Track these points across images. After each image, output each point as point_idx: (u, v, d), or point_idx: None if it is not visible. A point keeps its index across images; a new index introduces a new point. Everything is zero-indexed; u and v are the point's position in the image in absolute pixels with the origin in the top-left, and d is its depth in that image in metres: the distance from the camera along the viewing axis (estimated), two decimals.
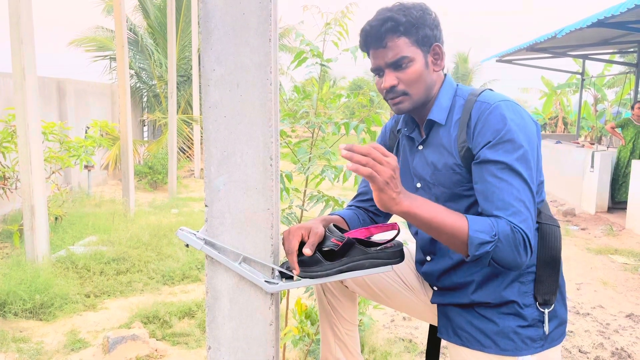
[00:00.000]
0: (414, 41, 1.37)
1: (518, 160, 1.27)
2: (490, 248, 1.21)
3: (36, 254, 4.41)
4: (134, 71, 12.55)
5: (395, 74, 1.38)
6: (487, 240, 1.21)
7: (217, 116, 1.14)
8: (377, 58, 1.40)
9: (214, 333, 1.22)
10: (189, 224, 6.33)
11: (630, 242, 6.13)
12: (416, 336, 3.46)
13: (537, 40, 8.57)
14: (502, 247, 1.21)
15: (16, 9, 4.17)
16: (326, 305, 1.66)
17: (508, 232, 1.21)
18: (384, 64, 1.39)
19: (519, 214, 1.23)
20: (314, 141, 2.43)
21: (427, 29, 1.38)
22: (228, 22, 1.12)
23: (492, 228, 1.22)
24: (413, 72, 1.38)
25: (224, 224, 1.18)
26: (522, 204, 1.25)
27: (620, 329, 3.69)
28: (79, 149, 5.88)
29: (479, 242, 1.21)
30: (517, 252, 1.22)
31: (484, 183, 1.29)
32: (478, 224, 1.22)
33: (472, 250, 1.22)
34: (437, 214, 1.23)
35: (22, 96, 4.26)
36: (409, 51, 1.37)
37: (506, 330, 1.40)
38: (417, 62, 1.38)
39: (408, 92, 1.39)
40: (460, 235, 1.22)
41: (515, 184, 1.26)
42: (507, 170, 1.27)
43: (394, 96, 1.40)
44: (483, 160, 1.30)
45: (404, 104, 1.41)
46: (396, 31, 1.36)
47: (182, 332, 3.40)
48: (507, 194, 1.25)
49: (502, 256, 1.22)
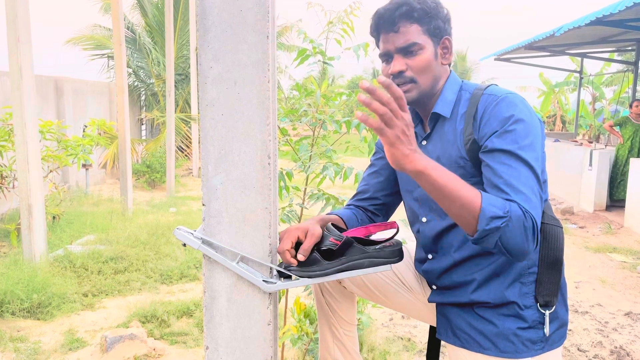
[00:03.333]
0: (426, 30, 1.37)
1: (525, 148, 1.25)
2: (502, 224, 1.14)
3: (34, 253, 4.40)
4: (131, 70, 12.52)
5: (404, 59, 1.37)
6: (499, 215, 1.15)
7: (215, 114, 1.13)
8: (387, 42, 1.39)
9: (212, 333, 1.21)
10: (187, 222, 6.32)
11: (629, 240, 6.13)
12: (415, 335, 3.46)
13: (536, 38, 8.57)
14: (512, 227, 1.15)
15: (13, 7, 4.15)
16: (324, 306, 1.65)
17: (520, 213, 1.17)
18: (394, 48, 1.38)
19: (529, 200, 1.20)
20: (315, 139, 2.43)
21: (439, 20, 1.39)
22: (225, 20, 1.11)
23: (505, 205, 1.17)
24: (422, 60, 1.37)
25: (222, 223, 1.17)
26: (531, 191, 1.22)
27: (619, 327, 3.70)
28: (77, 147, 5.87)
29: (492, 215, 1.15)
30: (526, 237, 1.17)
31: (491, 170, 1.26)
32: (492, 198, 1.18)
33: (483, 224, 1.15)
34: (452, 179, 1.18)
35: (19, 95, 4.24)
36: (421, 39, 1.36)
37: (506, 331, 1.38)
38: (427, 51, 1.37)
39: (416, 80, 1.38)
40: (472, 206, 1.16)
41: (523, 171, 1.23)
42: (515, 158, 1.24)
43: (401, 82, 1.39)
44: (491, 149, 1.28)
45: (411, 92, 1.39)
46: (410, 17, 1.35)
47: (180, 331, 3.39)
48: (516, 180, 1.22)
49: (512, 237, 1.16)
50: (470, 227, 1.18)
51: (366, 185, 1.65)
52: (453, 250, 1.44)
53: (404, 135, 1.11)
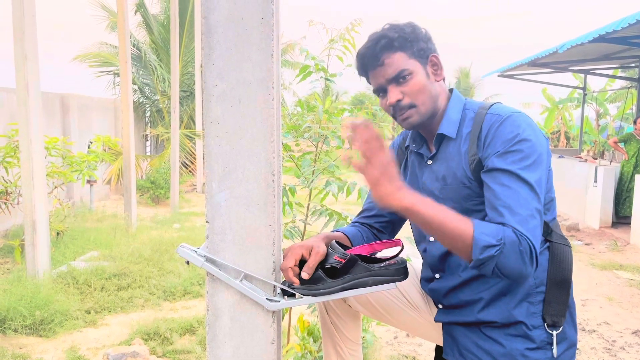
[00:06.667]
0: (411, 54, 1.38)
1: (526, 169, 1.25)
2: (496, 252, 1.16)
3: (37, 270, 4.39)
4: (137, 86, 12.64)
5: (398, 88, 1.38)
6: (492, 244, 1.17)
7: (219, 131, 1.14)
8: (377, 77, 1.40)
9: (215, 352, 1.20)
10: (190, 239, 6.30)
11: (635, 258, 6.07)
12: (420, 353, 3.42)
13: (539, 55, 8.61)
14: (507, 253, 1.17)
15: (21, 25, 4.21)
16: (329, 324, 1.64)
17: (514, 238, 1.17)
18: (385, 81, 1.38)
19: (525, 222, 1.20)
20: (317, 154, 2.43)
21: (420, 42, 1.39)
22: (230, 38, 1.11)
23: (498, 232, 1.18)
24: (415, 84, 1.37)
25: (225, 240, 1.16)
26: (529, 213, 1.21)
27: (626, 345, 3.64)
28: (82, 163, 5.89)
29: (484, 244, 1.17)
30: (523, 261, 1.18)
31: (490, 191, 1.27)
32: (484, 226, 1.19)
33: (477, 254, 1.17)
34: (441, 212, 1.20)
35: (26, 111, 4.27)
36: (408, 64, 1.37)
37: (513, 352, 1.36)
38: (418, 74, 1.38)
39: (415, 104, 1.38)
40: (465, 236, 1.18)
41: (523, 192, 1.23)
42: (515, 178, 1.24)
43: (402, 111, 1.39)
44: (491, 168, 1.28)
45: (413, 117, 1.39)
46: (391, 47, 1.36)
47: (183, 349, 3.36)
48: (514, 201, 1.22)
49: (508, 263, 1.17)
50: (466, 256, 1.21)
51: (372, 203, 1.64)
52: (461, 270, 1.42)
53: (386, 174, 1.15)
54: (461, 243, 1.19)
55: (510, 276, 1.20)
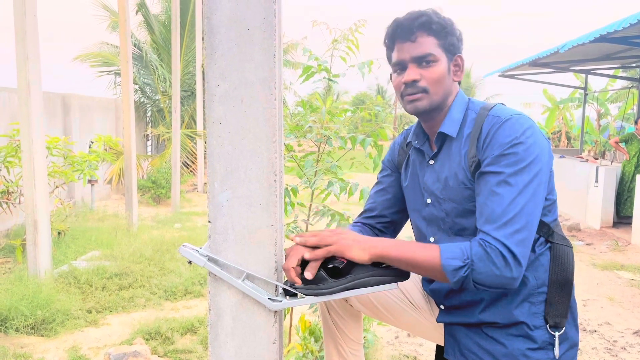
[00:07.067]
0: (442, 44, 1.39)
1: (518, 173, 1.25)
2: (465, 272, 1.22)
3: (38, 269, 4.40)
4: (138, 86, 12.64)
5: (419, 69, 1.38)
6: (459, 266, 1.22)
7: (221, 131, 1.14)
8: (402, 51, 1.40)
9: (217, 352, 1.20)
10: (191, 238, 6.31)
11: (636, 258, 6.07)
12: (421, 353, 3.42)
13: (540, 55, 8.60)
14: (478, 269, 1.21)
15: (22, 26, 4.21)
16: (331, 324, 1.64)
17: (481, 253, 1.21)
18: (410, 57, 1.39)
19: (505, 227, 1.22)
20: (320, 155, 2.43)
21: (454, 38, 1.41)
22: (232, 38, 1.11)
23: (463, 252, 1.22)
24: (436, 72, 1.38)
25: (227, 240, 1.16)
26: (513, 217, 1.22)
27: (627, 346, 3.64)
28: (83, 163, 5.89)
29: (452, 268, 1.22)
30: (499, 270, 1.20)
31: (479, 195, 1.30)
32: (449, 251, 1.24)
33: (450, 278, 1.23)
34: (407, 249, 1.26)
35: (27, 111, 4.27)
36: (436, 51, 1.38)
37: (515, 352, 1.36)
38: (441, 64, 1.39)
39: (428, 90, 1.38)
40: (435, 265, 1.24)
41: (508, 196, 1.24)
42: (503, 183, 1.25)
43: (414, 92, 1.39)
44: (483, 172, 1.30)
45: (422, 101, 1.39)
46: (428, 28, 1.38)
47: (184, 348, 3.36)
48: (497, 206, 1.24)
49: (483, 277, 1.22)
50: (445, 281, 1.26)
51: (373, 203, 1.65)
52: None
53: (345, 240, 1.24)
54: (434, 271, 1.25)
55: (492, 286, 1.24)
